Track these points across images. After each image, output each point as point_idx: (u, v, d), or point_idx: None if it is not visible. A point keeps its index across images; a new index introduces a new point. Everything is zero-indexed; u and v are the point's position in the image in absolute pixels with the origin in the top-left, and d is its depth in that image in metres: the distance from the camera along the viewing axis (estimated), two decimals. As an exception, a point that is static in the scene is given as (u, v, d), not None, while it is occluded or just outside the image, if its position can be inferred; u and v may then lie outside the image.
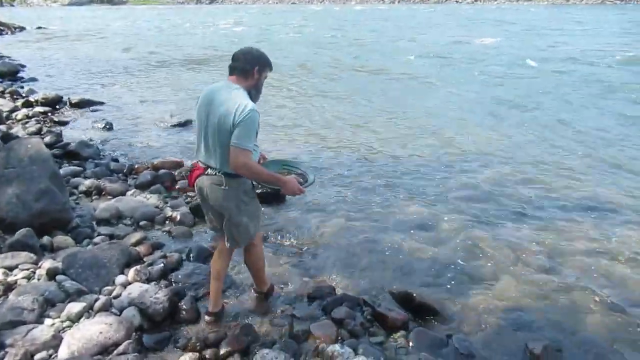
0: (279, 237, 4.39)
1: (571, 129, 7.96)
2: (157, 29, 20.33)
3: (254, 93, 2.81)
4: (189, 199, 5.06)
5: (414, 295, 3.35)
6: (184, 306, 3.21)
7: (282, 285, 3.63)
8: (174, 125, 8.06)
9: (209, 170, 2.78)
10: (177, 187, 5.35)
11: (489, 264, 4.02)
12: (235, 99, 2.63)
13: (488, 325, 3.30)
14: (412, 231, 4.50)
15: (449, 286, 3.71)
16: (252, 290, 3.48)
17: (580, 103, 9.70)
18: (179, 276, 3.59)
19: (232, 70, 2.80)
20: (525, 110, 9.17)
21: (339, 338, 3.02)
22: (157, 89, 10.81)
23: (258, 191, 3.25)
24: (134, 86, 11.05)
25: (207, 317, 3.16)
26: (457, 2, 74.54)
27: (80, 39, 17.55)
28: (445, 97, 10.09)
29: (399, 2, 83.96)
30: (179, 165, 5.92)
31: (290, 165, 3.18)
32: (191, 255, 3.96)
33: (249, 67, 2.76)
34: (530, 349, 3.01)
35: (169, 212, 4.69)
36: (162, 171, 5.59)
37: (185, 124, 8.13)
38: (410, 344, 3.02)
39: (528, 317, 3.40)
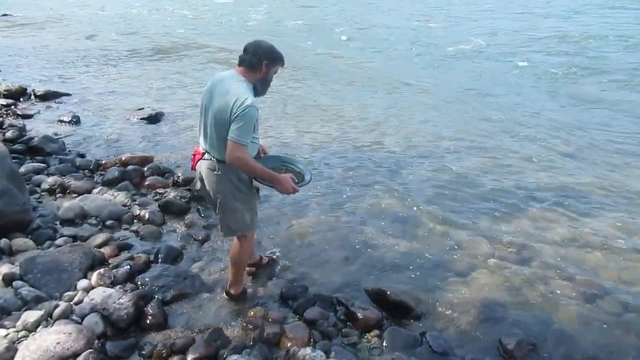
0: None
1: (531, 116, 7.96)
2: (123, 16, 19.62)
3: (259, 87, 2.85)
4: (158, 196, 4.89)
5: (388, 293, 3.29)
6: (151, 311, 3.08)
7: (253, 286, 3.53)
8: (144, 118, 7.80)
9: (206, 155, 2.88)
10: (146, 183, 5.17)
11: (463, 258, 3.99)
12: (235, 93, 2.65)
13: (462, 321, 3.27)
14: (385, 226, 4.44)
15: (423, 282, 3.66)
16: (225, 293, 3.37)
17: (534, 89, 9.74)
18: (146, 279, 3.44)
19: (241, 62, 2.82)
20: (482, 97, 9.12)
21: (312, 340, 2.94)
22: (126, 80, 10.42)
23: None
24: (102, 76, 10.64)
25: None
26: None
27: (45, 27, 16.85)
28: (401, 86, 9.97)
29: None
30: (149, 160, 5.72)
31: (289, 162, 3.17)
32: (160, 256, 3.81)
33: (257, 61, 2.77)
34: (504, 344, 3.00)
35: (137, 210, 4.52)
36: (130, 167, 5.39)
37: (156, 117, 7.87)
38: (384, 343, 2.97)
39: (502, 312, 3.39)
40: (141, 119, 7.81)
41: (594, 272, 3.82)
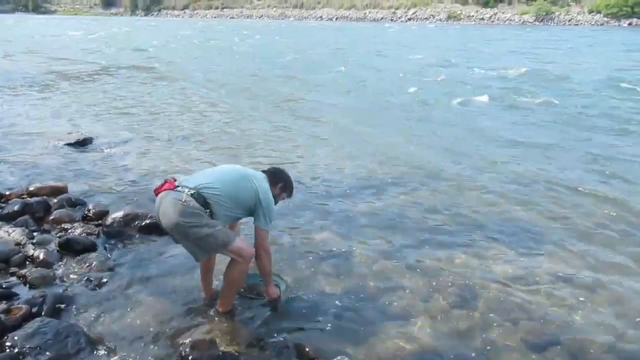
0: (157, 277, 3.73)
1: (477, 142, 7.85)
2: (65, 40, 18.80)
3: None
4: (62, 233, 4.29)
5: (307, 349, 2.82)
6: (12, 381, 2.49)
7: (143, 342, 2.96)
8: (70, 144, 7.16)
9: (180, 188, 2.87)
10: (51, 218, 4.55)
11: (401, 300, 3.57)
12: (264, 184, 3.10)
13: (394, 379, 2.83)
14: (318, 263, 3.99)
15: (352, 330, 3.20)
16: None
17: (480, 112, 9.74)
18: (16, 338, 2.84)
19: (266, 172, 3.27)
20: (428, 123, 9.00)
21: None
22: (57, 104, 9.76)
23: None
24: (30, 100, 9.94)
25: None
26: (384, 18, 76.47)
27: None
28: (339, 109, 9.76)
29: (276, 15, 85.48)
30: (61, 191, 5.11)
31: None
32: (44, 306, 3.22)
33: (276, 179, 3.26)
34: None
35: (31, 250, 3.90)
36: (34, 199, 4.76)
37: (83, 142, 7.26)
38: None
39: (441, 364, 2.97)
40: (67, 144, 7.18)
41: (540, 317, 3.46)
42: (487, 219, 5.01)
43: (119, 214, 4.42)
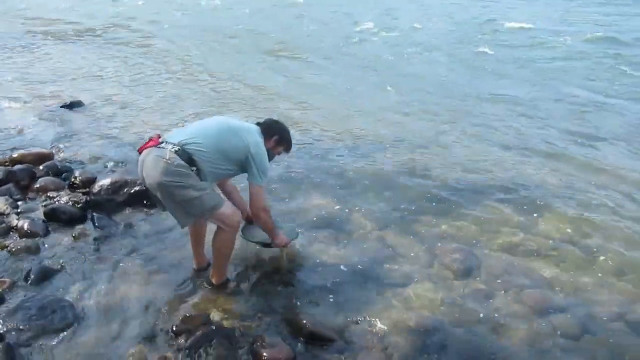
0: (147, 247, 3.57)
1: (468, 104, 7.56)
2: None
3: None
4: (47, 201, 4.10)
5: (305, 322, 2.70)
6: (-9, 360, 2.37)
7: (134, 316, 2.84)
8: (57, 108, 6.87)
9: (163, 144, 2.67)
10: (36, 186, 4.35)
11: (400, 269, 3.44)
12: (256, 136, 2.87)
13: (395, 350, 2.72)
14: (314, 232, 3.83)
15: (352, 301, 3.08)
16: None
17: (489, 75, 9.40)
18: (-1, 313, 2.71)
19: (259, 123, 3.05)
20: (419, 86, 8.61)
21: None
22: (42, 64, 9.33)
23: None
24: (13, 61, 9.50)
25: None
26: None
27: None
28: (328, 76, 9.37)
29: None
30: (46, 158, 4.88)
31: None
32: (29, 278, 3.08)
33: (270, 132, 3.01)
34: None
35: (14, 220, 3.73)
36: (19, 166, 4.55)
37: (71, 106, 6.96)
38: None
39: (441, 335, 2.86)
40: (54, 108, 6.89)
41: (546, 284, 3.35)
42: (489, 182, 4.84)
43: (106, 182, 4.22)
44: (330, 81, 8.84)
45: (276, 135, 3.02)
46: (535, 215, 4.21)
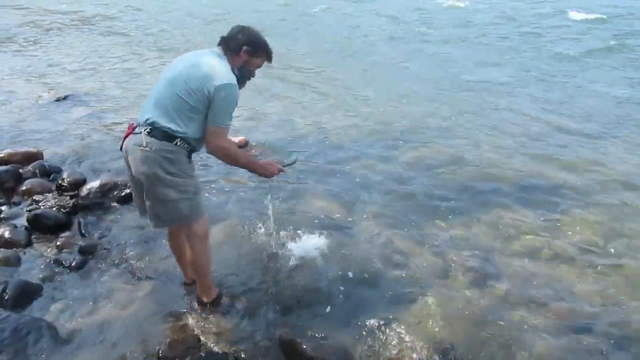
0: (135, 260, 3.31)
1: (477, 96, 7.09)
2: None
3: (237, 75, 2.44)
4: (32, 206, 3.85)
5: (305, 347, 2.42)
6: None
7: (117, 340, 2.58)
8: (50, 102, 6.60)
9: (137, 129, 2.38)
10: (22, 188, 4.10)
11: (410, 279, 3.15)
12: (219, 70, 2.35)
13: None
14: (317, 236, 3.53)
15: (359, 316, 2.80)
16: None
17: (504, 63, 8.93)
18: (-33, 337, 2.47)
19: (220, 41, 2.51)
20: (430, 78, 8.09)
21: None
22: (35, 57, 9.03)
23: None
24: (7, 54, 9.22)
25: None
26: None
27: None
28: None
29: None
30: (34, 157, 4.63)
31: None
32: (5, 294, 2.84)
33: (235, 44, 2.46)
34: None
35: (-5, 228, 3.49)
36: (4, 168, 4.30)
37: (66, 99, 6.70)
38: None
39: (462, 351, 2.59)
40: (47, 102, 6.63)
41: (571, 294, 3.05)
42: (503, 182, 4.45)
43: (95, 184, 3.96)
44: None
45: (245, 45, 2.45)
46: (555, 218, 3.86)
